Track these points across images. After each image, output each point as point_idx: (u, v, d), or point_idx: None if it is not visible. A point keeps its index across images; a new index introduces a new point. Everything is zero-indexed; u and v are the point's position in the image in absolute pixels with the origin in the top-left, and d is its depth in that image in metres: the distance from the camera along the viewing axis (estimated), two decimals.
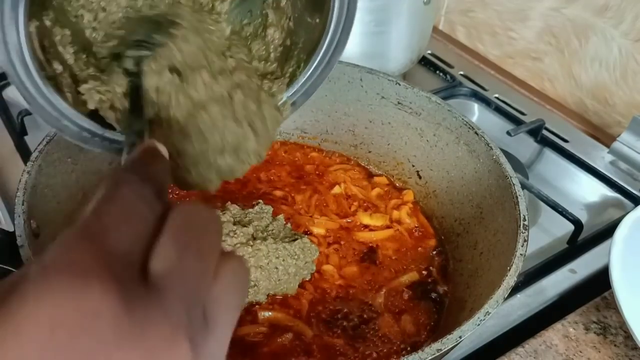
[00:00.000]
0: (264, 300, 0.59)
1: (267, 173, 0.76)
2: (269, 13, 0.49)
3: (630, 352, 0.61)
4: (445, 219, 0.71)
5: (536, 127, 0.92)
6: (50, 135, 0.59)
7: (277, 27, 0.49)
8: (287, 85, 0.48)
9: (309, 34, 0.48)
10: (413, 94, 0.72)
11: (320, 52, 0.47)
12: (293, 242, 0.60)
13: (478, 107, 1.00)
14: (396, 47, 0.94)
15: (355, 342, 0.57)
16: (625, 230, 0.66)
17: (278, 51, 0.49)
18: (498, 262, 0.57)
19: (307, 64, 0.48)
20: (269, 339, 0.56)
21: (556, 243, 0.76)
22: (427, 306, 0.62)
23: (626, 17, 0.92)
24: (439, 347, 0.45)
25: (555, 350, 0.61)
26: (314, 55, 0.47)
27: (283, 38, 0.49)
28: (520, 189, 0.59)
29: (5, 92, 0.91)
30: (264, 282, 0.58)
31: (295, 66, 0.48)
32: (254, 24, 0.49)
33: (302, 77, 0.48)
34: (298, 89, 0.48)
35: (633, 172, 0.89)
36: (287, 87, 0.48)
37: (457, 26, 1.19)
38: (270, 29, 0.49)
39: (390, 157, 0.77)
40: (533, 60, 1.07)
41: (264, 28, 0.49)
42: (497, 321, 0.65)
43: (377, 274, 0.65)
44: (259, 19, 0.49)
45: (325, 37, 0.46)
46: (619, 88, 0.96)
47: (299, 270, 0.60)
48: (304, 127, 0.81)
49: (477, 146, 0.66)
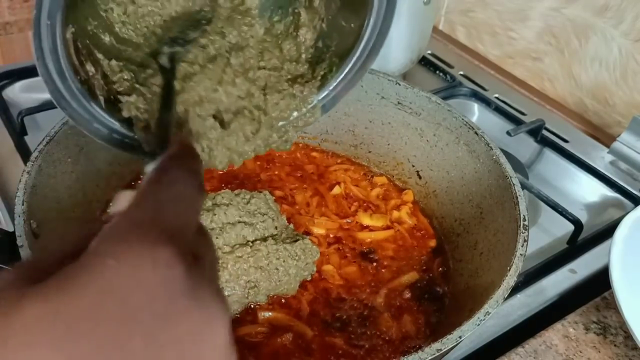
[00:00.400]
0: (265, 301, 0.59)
1: (267, 173, 0.76)
2: (301, 12, 0.49)
3: (630, 352, 0.61)
4: (445, 219, 0.71)
5: (536, 127, 0.92)
6: (50, 135, 0.59)
7: (309, 27, 0.48)
8: (318, 88, 0.48)
9: (343, 38, 0.47)
10: (413, 94, 0.72)
11: (354, 57, 0.47)
12: (294, 243, 0.60)
13: (478, 107, 1.00)
14: (396, 47, 0.94)
15: (355, 342, 0.57)
16: (625, 230, 0.66)
17: (309, 53, 0.49)
18: (498, 262, 0.57)
19: (339, 68, 0.47)
20: (269, 339, 0.56)
21: (556, 243, 0.76)
22: (427, 306, 0.62)
23: (626, 17, 0.92)
24: (439, 347, 0.45)
25: (555, 350, 0.61)
26: (347, 60, 0.47)
27: (315, 39, 0.49)
28: (520, 189, 0.59)
29: (5, 92, 0.91)
30: (264, 283, 0.58)
31: (327, 69, 0.48)
32: (285, 22, 0.49)
33: (333, 81, 0.48)
34: (329, 93, 0.48)
35: (633, 172, 0.89)
36: (318, 90, 0.48)
37: (457, 26, 1.19)
38: (302, 29, 0.48)
39: (390, 157, 0.77)
40: (533, 60, 1.07)
41: (295, 27, 0.49)
42: (497, 321, 0.65)
43: (377, 274, 0.65)
44: (290, 17, 0.49)
45: (360, 42, 0.46)
46: (619, 88, 0.96)
47: (299, 271, 0.60)
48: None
49: (477, 146, 0.66)
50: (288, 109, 0.47)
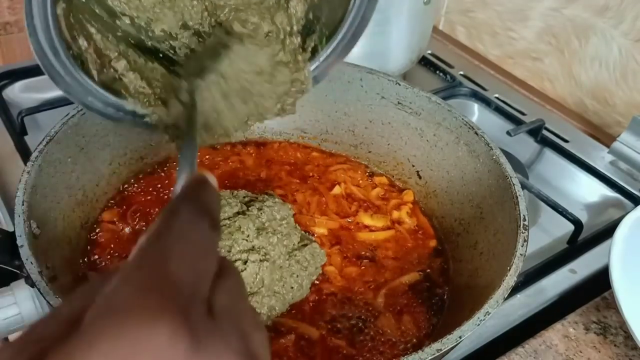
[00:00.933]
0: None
1: (267, 173, 0.76)
2: None
3: (630, 352, 0.61)
4: (445, 219, 0.71)
5: (536, 127, 0.92)
6: (50, 135, 0.59)
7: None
8: (309, 59, 0.48)
9: (332, 9, 0.48)
10: (413, 94, 0.72)
11: (343, 28, 0.47)
12: (303, 248, 0.60)
13: (478, 107, 1.00)
14: (396, 47, 0.94)
15: (355, 343, 0.57)
16: (625, 230, 0.66)
17: (300, 24, 0.49)
18: (498, 262, 0.57)
19: (329, 39, 0.48)
20: (272, 340, 0.56)
21: (556, 243, 0.76)
22: (427, 306, 0.62)
23: (626, 17, 0.92)
24: (439, 347, 0.45)
25: (555, 350, 0.61)
26: (337, 31, 0.48)
27: (305, 11, 0.49)
28: (520, 189, 0.59)
29: (5, 92, 0.91)
30: (279, 306, 0.57)
31: (318, 41, 0.48)
32: None
33: (324, 53, 0.48)
34: (319, 65, 0.49)
35: (633, 172, 0.89)
36: (309, 61, 0.48)
37: (457, 26, 1.19)
38: (292, 0, 0.49)
39: (390, 157, 0.77)
40: (533, 60, 1.07)
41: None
42: (497, 321, 0.65)
43: (378, 274, 0.65)
44: None
45: (349, 13, 0.47)
46: (619, 88, 0.96)
47: (309, 276, 0.60)
48: (304, 127, 0.81)
49: (477, 146, 0.66)
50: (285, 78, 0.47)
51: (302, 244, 0.61)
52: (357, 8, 0.47)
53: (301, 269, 0.59)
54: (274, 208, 0.60)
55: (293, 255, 0.59)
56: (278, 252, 0.58)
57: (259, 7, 0.49)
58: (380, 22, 0.89)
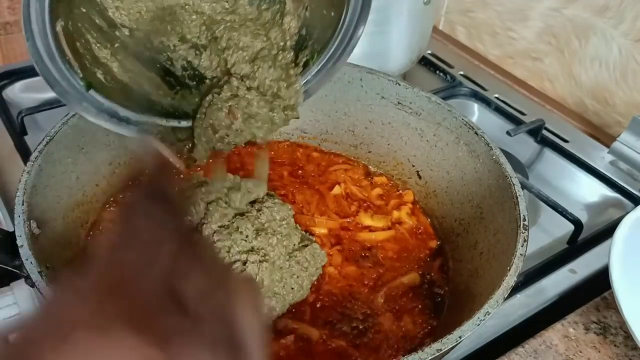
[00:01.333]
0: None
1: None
2: (286, 1, 0.51)
3: (630, 352, 0.61)
4: (445, 219, 0.71)
5: (536, 127, 0.92)
6: (50, 135, 0.59)
7: (294, 15, 0.51)
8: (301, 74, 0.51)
9: (324, 26, 0.50)
10: (413, 94, 0.72)
11: (334, 44, 0.49)
12: (304, 249, 0.60)
13: (478, 107, 1.00)
14: (396, 47, 0.94)
15: (355, 342, 0.57)
16: (625, 230, 0.66)
17: (293, 40, 0.51)
18: (498, 262, 0.57)
19: (320, 55, 0.50)
20: (272, 341, 0.56)
21: (556, 243, 0.76)
22: (427, 306, 0.62)
23: (626, 17, 0.92)
24: (439, 347, 0.45)
25: (555, 350, 0.61)
26: (328, 47, 0.50)
27: (299, 27, 0.51)
28: (520, 189, 0.59)
29: (5, 92, 0.91)
30: (280, 307, 0.58)
31: (309, 56, 0.50)
32: (272, 10, 0.52)
33: (315, 67, 0.50)
34: (310, 79, 0.51)
35: (633, 172, 0.89)
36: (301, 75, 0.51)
37: (457, 26, 1.19)
38: (287, 16, 0.51)
39: (390, 157, 0.77)
40: (533, 60, 1.07)
41: (281, 15, 0.51)
42: (497, 321, 0.65)
43: (378, 274, 0.65)
44: (277, 5, 0.52)
45: (339, 30, 0.49)
46: (619, 88, 0.96)
47: (309, 277, 0.60)
48: (304, 127, 0.81)
49: (477, 146, 0.66)
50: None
51: (303, 245, 0.61)
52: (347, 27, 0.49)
53: (301, 270, 0.59)
54: (273, 209, 0.60)
55: (293, 256, 0.59)
56: (278, 253, 0.58)
57: (254, 24, 0.50)
58: (380, 22, 0.89)
